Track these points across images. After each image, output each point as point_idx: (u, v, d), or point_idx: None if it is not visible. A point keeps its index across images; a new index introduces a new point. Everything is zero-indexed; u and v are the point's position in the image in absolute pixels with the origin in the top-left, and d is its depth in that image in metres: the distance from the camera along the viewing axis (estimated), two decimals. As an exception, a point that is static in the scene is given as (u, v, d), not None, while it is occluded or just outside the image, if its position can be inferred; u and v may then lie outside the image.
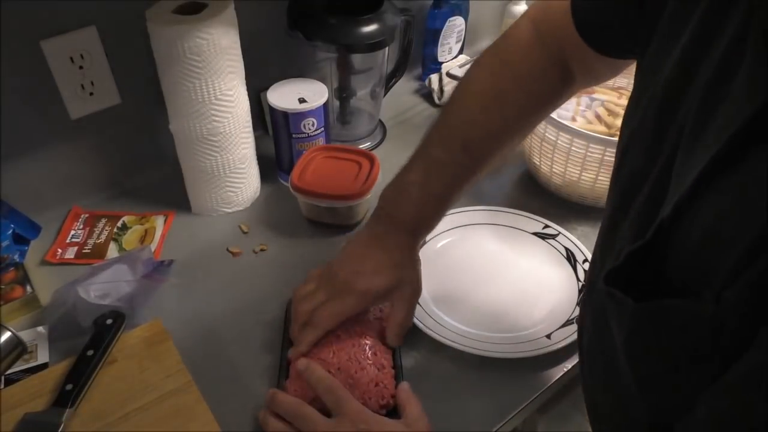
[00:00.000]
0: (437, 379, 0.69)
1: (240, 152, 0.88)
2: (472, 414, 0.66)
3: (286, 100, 0.89)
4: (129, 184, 0.95)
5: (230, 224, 0.90)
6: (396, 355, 0.68)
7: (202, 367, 0.69)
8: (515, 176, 1.00)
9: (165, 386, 0.66)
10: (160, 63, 0.79)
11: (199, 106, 0.81)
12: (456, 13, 1.16)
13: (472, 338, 0.71)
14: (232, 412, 0.65)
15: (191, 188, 0.91)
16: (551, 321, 0.74)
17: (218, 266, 0.84)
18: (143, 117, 0.92)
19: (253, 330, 0.74)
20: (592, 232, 0.87)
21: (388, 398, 0.63)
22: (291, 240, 0.88)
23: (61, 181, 0.90)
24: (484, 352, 0.69)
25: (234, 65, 0.82)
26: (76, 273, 0.77)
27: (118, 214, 0.90)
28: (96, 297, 0.71)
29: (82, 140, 0.89)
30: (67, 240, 0.86)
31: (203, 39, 0.76)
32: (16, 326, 0.66)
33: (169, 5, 0.79)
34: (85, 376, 0.65)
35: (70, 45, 0.81)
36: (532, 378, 0.69)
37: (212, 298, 0.79)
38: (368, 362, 0.65)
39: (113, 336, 0.69)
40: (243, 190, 0.91)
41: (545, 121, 0.85)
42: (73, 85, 0.83)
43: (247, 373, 0.70)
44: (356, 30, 0.92)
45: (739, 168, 0.33)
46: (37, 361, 0.70)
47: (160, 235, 0.87)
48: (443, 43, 1.18)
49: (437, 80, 1.14)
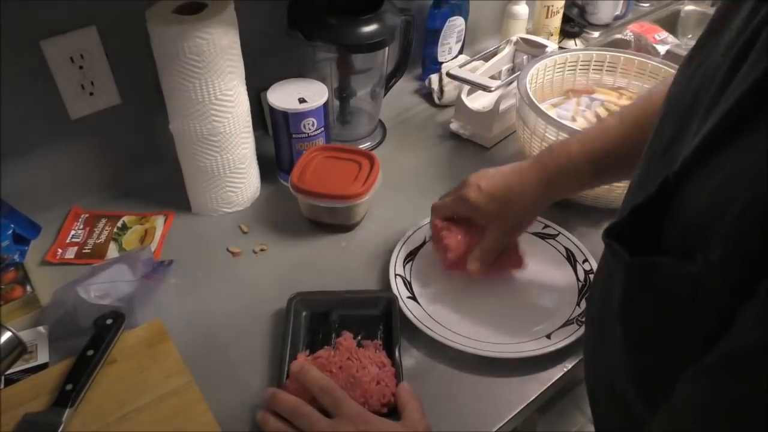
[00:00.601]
0: (437, 379, 0.69)
1: (240, 152, 0.88)
2: (472, 414, 0.66)
3: (286, 100, 0.89)
4: (129, 184, 0.95)
5: (230, 224, 0.90)
6: (396, 354, 0.68)
7: (202, 367, 0.69)
8: (515, 176, 1.00)
9: (165, 386, 0.66)
10: (160, 63, 0.79)
11: (199, 106, 0.81)
12: (456, 13, 1.16)
13: (472, 338, 0.71)
14: (232, 412, 0.65)
15: (191, 188, 0.91)
16: (551, 321, 0.74)
17: (218, 266, 0.84)
18: (143, 117, 0.92)
19: (253, 330, 0.74)
20: (592, 232, 0.87)
21: (389, 396, 0.63)
22: (291, 240, 0.88)
23: (61, 181, 0.90)
24: (484, 352, 0.69)
25: (234, 65, 0.82)
26: (76, 273, 0.77)
27: (118, 214, 0.90)
28: (96, 297, 0.71)
29: (82, 140, 0.89)
30: (67, 240, 0.86)
31: (203, 39, 0.76)
32: (16, 326, 0.66)
33: (169, 5, 0.79)
34: (85, 376, 0.65)
35: (70, 45, 0.81)
36: (532, 378, 0.69)
37: (212, 298, 0.79)
38: (369, 361, 0.65)
39: (113, 336, 0.69)
40: (243, 190, 0.91)
41: (545, 121, 0.85)
42: (73, 85, 0.83)
43: (247, 373, 0.70)
44: (356, 30, 0.92)
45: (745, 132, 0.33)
46: (37, 361, 0.70)
47: (160, 235, 0.87)
48: (443, 43, 1.18)
49: (437, 80, 1.14)
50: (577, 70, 1.03)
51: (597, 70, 1.03)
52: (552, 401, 0.84)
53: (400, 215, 0.90)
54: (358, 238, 0.88)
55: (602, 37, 1.37)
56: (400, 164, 1.01)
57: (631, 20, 1.43)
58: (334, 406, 0.59)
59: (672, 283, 0.36)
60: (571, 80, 1.04)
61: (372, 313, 0.73)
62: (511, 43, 1.14)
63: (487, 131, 1.04)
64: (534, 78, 0.98)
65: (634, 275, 0.40)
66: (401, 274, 0.79)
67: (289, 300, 0.74)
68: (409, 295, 0.76)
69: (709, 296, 0.34)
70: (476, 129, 1.05)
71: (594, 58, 1.02)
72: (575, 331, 0.71)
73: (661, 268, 0.37)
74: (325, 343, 0.70)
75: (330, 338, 0.71)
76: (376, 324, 0.73)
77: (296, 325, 0.73)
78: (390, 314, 0.73)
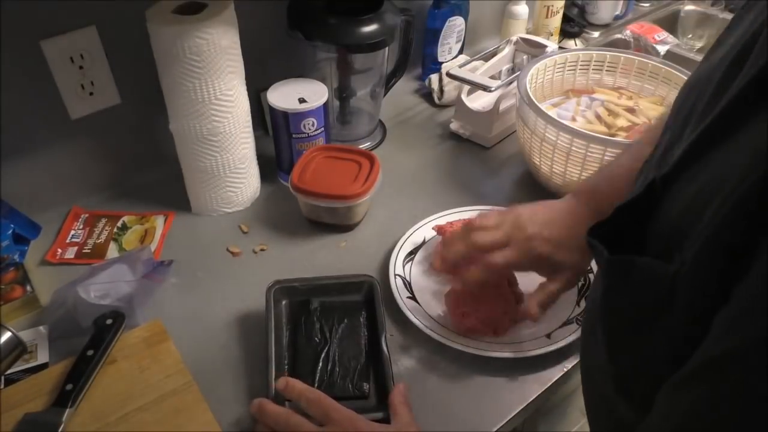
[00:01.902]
0: (437, 379, 0.69)
1: (240, 152, 0.88)
2: (472, 414, 0.66)
3: (286, 100, 0.89)
4: (129, 184, 0.95)
5: (230, 224, 0.90)
6: (382, 342, 0.68)
7: (202, 367, 0.69)
8: (515, 176, 1.00)
9: (165, 386, 0.66)
10: (160, 63, 0.79)
11: (199, 106, 0.81)
12: (456, 13, 1.16)
13: (473, 338, 0.71)
14: (232, 412, 0.65)
15: (191, 188, 0.91)
16: (551, 321, 0.74)
17: (218, 266, 0.84)
18: (143, 117, 0.92)
19: (253, 330, 0.74)
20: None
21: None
22: (291, 240, 0.88)
23: (61, 181, 0.90)
24: (485, 352, 0.69)
25: (234, 65, 0.82)
26: (76, 273, 0.76)
27: (118, 214, 0.90)
28: (96, 297, 0.71)
29: (82, 140, 0.89)
30: (67, 240, 0.86)
31: (203, 39, 0.76)
32: (16, 326, 0.66)
33: (169, 5, 0.79)
34: (85, 376, 0.65)
35: (70, 45, 0.81)
36: (532, 378, 0.69)
37: (212, 298, 0.79)
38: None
39: (113, 336, 0.69)
40: (243, 190, 0.91)
41: (545, 121, 0.85)
42: (73, 85, 0.83)
43: (248, 373, 0.70)
44: (356, 30, 0.92)
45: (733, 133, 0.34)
46: (37, 361, 0.70)
47: (160, 235, 0.87)
48: (443, 43, 1.18)
49: (437, 80, 1.14)
50: (577, 70, 1.03)
51: (597, 70, 1.03)
52: (553, 401, 0.84)
53: (400, 215, 0.90)
54: (358, 238, 0.88)
55: (602, 37, 1.38)
56: (400, 164, 1.01)
57: (631, 20, 1.43)
58: (323, 415, 0.59)
59: (649, 283, 0.36)
60: (571, 80, 1.04)
61: (354, 299, 0.73)
62: (511, 43, 1.14)
63: (487, 131, 1.04)
64: (534, 78, 0.98)
65: (612, 273, 0.40)
66: (401, 275, 0.79)
67: (268, 288, 0.73)
68: (409, 295, 0.76)
69: (684, 298, 0.34)
70: (476, 129, 1.05)
71: (594, 58, 1.02)
72: (575, 330, 0.71)
73: (638, 266, 0.37)
74: (308, 335, 0.69)
75: (312, 328, 0.70)
76: (358, 310, 0.72)
77: (278, 313, 0.72)
78: (372, 300, 0.73)
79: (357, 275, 0.77)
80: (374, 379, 0.67)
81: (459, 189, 0.97)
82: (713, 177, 0.34)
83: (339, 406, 0.60)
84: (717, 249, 0.31)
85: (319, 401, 0.60)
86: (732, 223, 0.31)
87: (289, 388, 0.62)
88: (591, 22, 1.39)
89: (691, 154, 0.36)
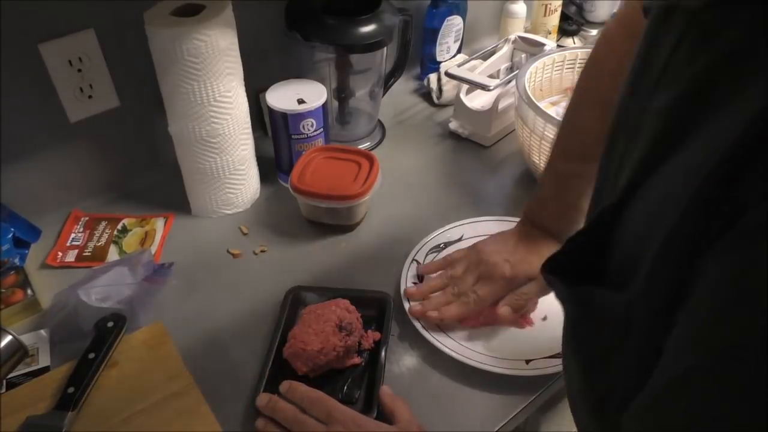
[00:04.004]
0: (439, 379, 0.69)
1: (239, 154, 0.88)
2: (474, 413, 0.66)
3: (285, 101, 0.89)
4: (129, 187, 0.95)
5: (230, 226, 0.90)
6: (381, 354, 0.68)
7: (204, 369, 0.69)
8: (515, 176, 1.00)
9: (167, 388, 0.66)
10: (159, 65, 0.79)
11: (198, 107, 0.81)
12: (454, 13, 1.16)
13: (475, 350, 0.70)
14: (233, 413, 0.65)
15: (191, 190, 0.91)
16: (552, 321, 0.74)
17: (219, 268, 0.84)
18: (142, 119, 0.92)
19: (254, 331, 0.74)
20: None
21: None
22: (291, 241, 0.88)
23: (60, 184, 0.90)
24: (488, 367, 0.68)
25: (232, 66, 0.82)
26: (76, 276, 0.77)
27: (118, 217, 0.90)
28: (97, 300, 0.71)
29: (81, 143, 0.89)
30: (67, 243, 0.86)
31: (201, 41, 0.76)
32: (17, 330, 0.66)
33: (167, 7, 0.79)
34: (87, 379, 0.65)
35: (69, 48, 0.81)
36: (533, 378, 0.69)
37: (213, 299, 0.79)
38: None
39: (114, 339, 0.69)
40: (243, 191, 0.91)
41: (544, 120, 0.85)
42: (71, 88, 0.83)
43: (249, 374, 0.70)
44: (354, 30, 0.92)
45: (672, 156, 0.33)
46: (39, 365, 0.70)
47: (161, 237, 0.87)
48: (441, 43, 1.18)
49: (436, 80, 1.14)
50: (575, 68, 1.03)
51: (595, 68, 1.03)
52: (555, 400, 0.84)
53: (400, 215, 0.90)
54: (358, 239, 0.88)
55: (600, 34, 1.37)
56: (400, 164, 1.01)
57: (629, 18, 1.43)
58: (326, 415, 0.60)
59: (608, 312, 0.36)
60: (569, 78, 1.04)
61: (367, 313, 0.73)
62: (509, 41, 1.14)
63: (486, 130, 1.04)
64: (532, 76, 0.98)
65: (574, 306, 0.40)
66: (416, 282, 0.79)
67: (287, 292, 0.75)
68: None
69: (639, 325, 0.33)
70: (475, 128, 1.05)
71: (592, 56, 1.02)
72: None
73: (597, 297, 0.37)
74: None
75: None
76: (369, 324, 0.73)
77: (290, 317, 0.73)
78: (383, 315, 0.73)
79: (375, 291, 0.77)
80: (366, 387, 0.67)
81: (458, 188, 0.97)
82: (660, 200, 0.34)
83: (341, 406, 0.60)
84: (663, 272, 0.31)
85: (321, 401, 0.61)
86: (674, 249, 0.31)
87: (291, 390, 0.63)
88: (589, 20, 1.38)
89: (634, 183, 0.36)
